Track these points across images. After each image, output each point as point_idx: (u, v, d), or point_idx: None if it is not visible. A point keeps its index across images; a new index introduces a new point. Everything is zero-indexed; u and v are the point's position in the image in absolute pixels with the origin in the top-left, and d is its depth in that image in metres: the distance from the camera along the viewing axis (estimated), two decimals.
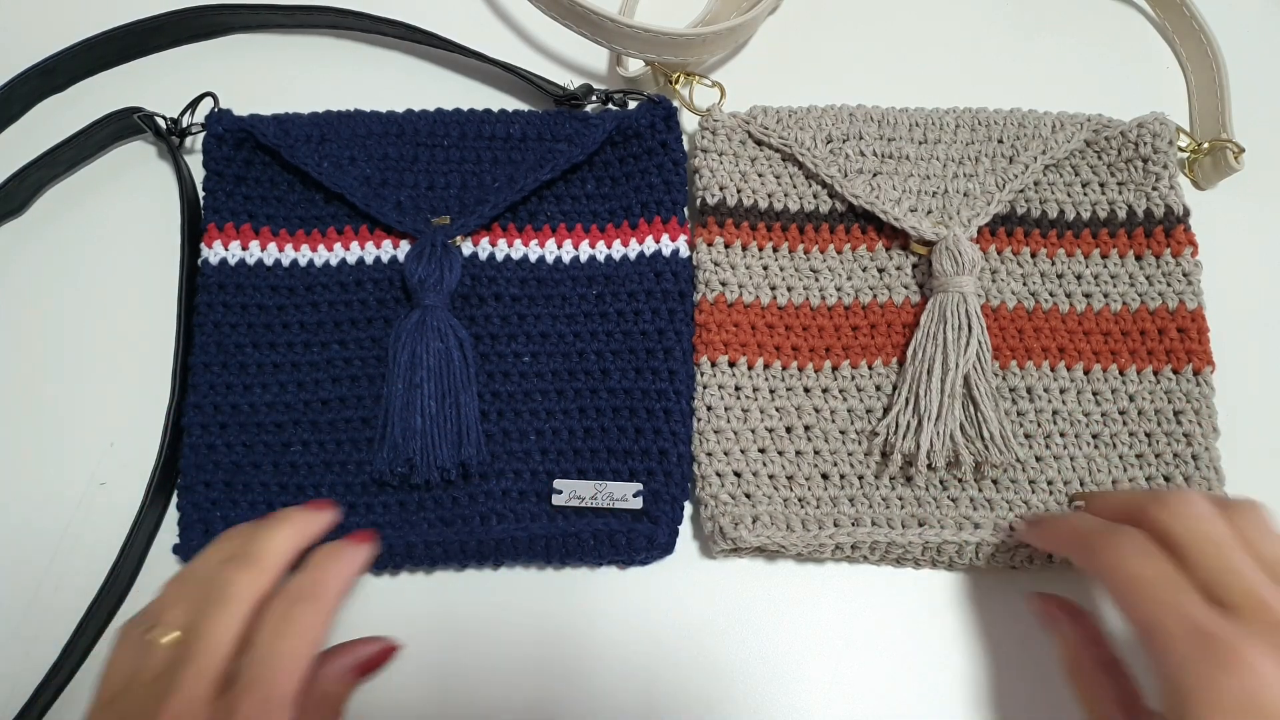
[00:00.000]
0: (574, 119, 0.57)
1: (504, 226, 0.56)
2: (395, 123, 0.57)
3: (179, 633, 0.38)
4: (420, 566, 0.52)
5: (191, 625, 0.38)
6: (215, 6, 0.62)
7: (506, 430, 0.53)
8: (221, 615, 0.38)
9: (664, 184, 0.56)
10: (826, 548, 0.50)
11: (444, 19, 0.61)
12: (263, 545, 0.40)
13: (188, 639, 0.38)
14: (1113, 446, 0.52)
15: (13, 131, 0.61)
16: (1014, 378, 0.53)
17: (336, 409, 0.53)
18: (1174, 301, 0.54)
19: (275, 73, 0.63)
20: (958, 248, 0.53)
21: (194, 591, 0.39)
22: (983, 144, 0.56)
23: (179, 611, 0.39)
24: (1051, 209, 0.56)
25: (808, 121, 0.56)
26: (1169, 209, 0.55)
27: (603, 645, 0.50)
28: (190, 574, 0.40)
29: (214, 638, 0.37)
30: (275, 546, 0.41)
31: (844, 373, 0.54)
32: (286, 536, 0.41)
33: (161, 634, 0.38)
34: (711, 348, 0.53)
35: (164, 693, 0.36)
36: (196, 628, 0.37)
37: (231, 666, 0.37)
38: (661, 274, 0.55)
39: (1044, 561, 0.50)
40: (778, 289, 0.55)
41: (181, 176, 0.58)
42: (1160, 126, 0.56)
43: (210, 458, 0.52)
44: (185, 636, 0.38)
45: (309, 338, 0.54)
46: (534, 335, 0.54)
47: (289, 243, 0.56)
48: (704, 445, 0.52)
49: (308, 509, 0.44)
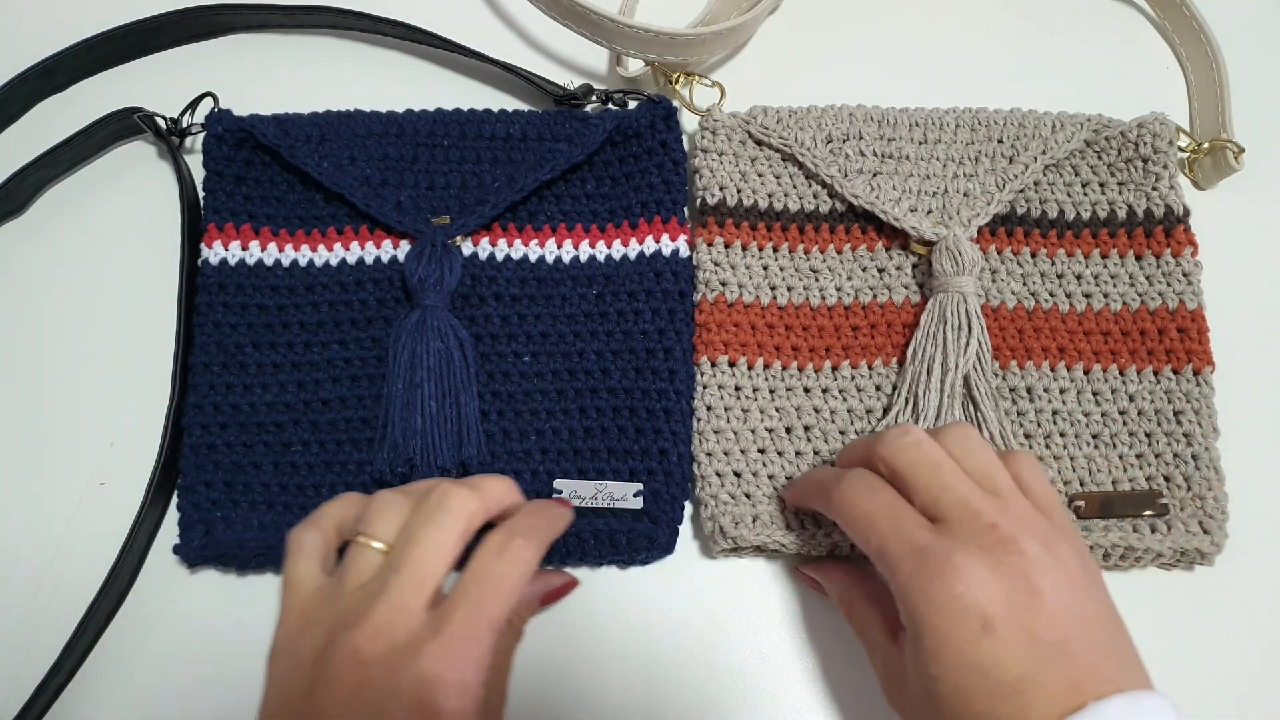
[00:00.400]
0: (574, 119, 0.57)
1: (504, 226, 0.56)
2: (395, 123, 0.57)
3: (387, 543, 0.40)
4: None
5: (408, 534, 0.39)
6: (215, 6, 0.62)
7: (506, 430, 0.53)
8: (439, 530, 0.39)
9: (664, 184, 0.56)
10: (824, 547, 0.50)
11: (444, 19, 0.61)
12: (485, 482, 0.42)
13: (401, 547, 0.39)
14: (1113, 447, 0.52)
15: (13, 131, 0.61)
16: (1014, 378, 0.53)
17: (337, 409, 0.53)
18: (1174, 301, 0.54)
19: (275, 73, 0.63)
20: (958, 248, 0.53)
21: (408, 506, 0.41)
22: (983, 144, 0.56)
23: (389, 523, 0.40)
24: (1051, 209, 0.56)
25: (808, 121, 0.56)
26: (1169, 209, 0.55)
27: (603, 645, 0.50)
28: (405, 491, 0.42)
29: (429, 549, 0.39)
30: (496, 486, 0.42)
31: (844, 373, 0.54)
32: (507, 485, 0.43)
33: (372, 540, 0.40)
34: (711, 348, 0.53)
35: (373, 596, 0.38)
36: (413, 536, 0.39)
37: (440, 582, 0.39)
38: (661, 274, 0.55)
39: None
40: (778, 289, 0.55)
41: (181, 176, 0.58)
42: (1160, 126, 0.56)
43: (210, 458, 0.52)
44: (398, 546, 0.39)
45: (309, 338, 0.54)
46: (534, 335, 0.54)
47: (289, 243, 0.56)
48: (704, 445, 0.52)
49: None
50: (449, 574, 0.39)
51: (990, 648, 0.37)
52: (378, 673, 0.36)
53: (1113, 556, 0.50)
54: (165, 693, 0.50)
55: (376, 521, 0.40)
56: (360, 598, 0.38)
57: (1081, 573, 0.40)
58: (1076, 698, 0.36)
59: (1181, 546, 0.50)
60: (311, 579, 0.40)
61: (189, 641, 0.51)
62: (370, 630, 0.37)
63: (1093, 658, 0.37)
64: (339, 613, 0.38)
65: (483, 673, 0.37)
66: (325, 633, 0.38)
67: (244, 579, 0.52)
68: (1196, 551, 0.50)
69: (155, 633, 0.51)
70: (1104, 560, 0.50)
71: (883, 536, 0.41)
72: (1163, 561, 0.51)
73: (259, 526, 0.51)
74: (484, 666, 0.37)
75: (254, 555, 0.50)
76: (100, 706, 0.49)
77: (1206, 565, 0.51)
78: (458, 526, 0.40)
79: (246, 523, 0.51)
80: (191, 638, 0.51)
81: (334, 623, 0.38)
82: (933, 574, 0.38)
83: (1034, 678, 0.36)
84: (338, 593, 0.39)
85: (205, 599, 0.51)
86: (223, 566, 0.52)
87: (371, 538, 0.40)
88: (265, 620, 0.50)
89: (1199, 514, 0.50)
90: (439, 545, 0.39)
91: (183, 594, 0.52)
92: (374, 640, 0.37)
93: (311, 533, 0.42)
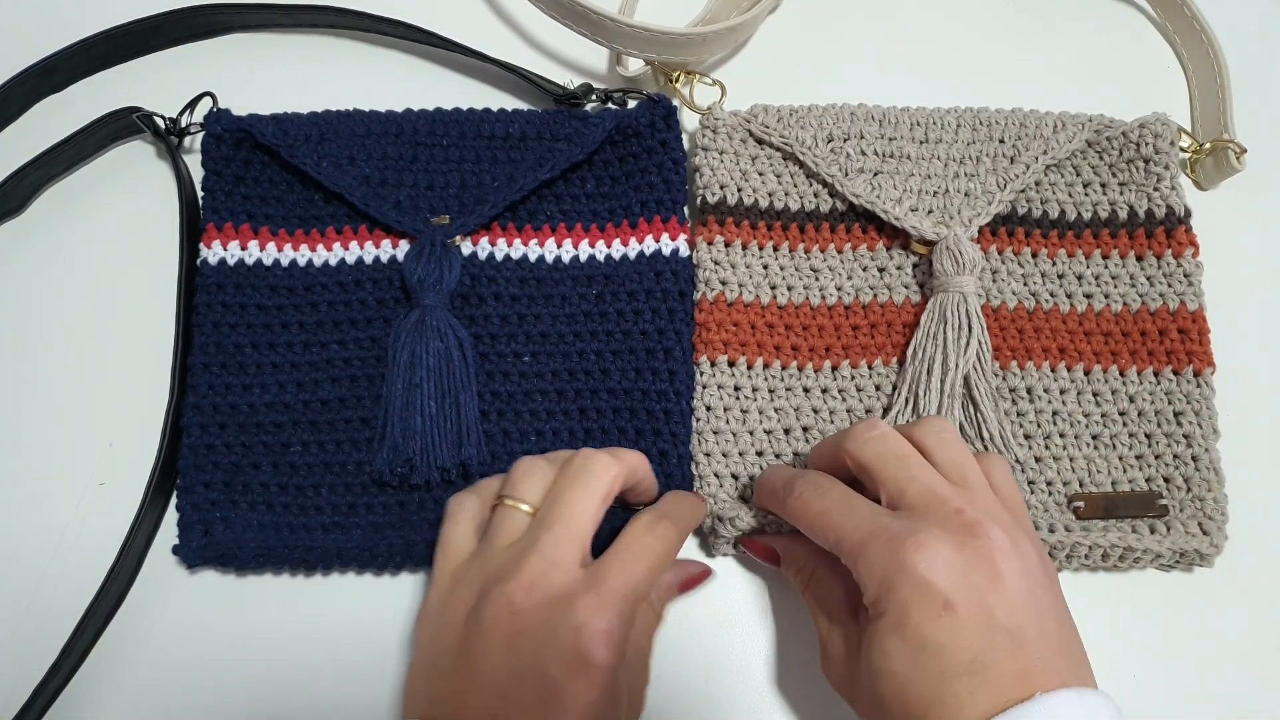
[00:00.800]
0: (573, 118, 0.57)
1: (503, 226, 0.56)
2: (395, 122, 0.57)
3: (532, 505, 0.42)
4: (420, 566, 0.51)
5: (555, 495, 0.42)
6: (214, 6, 0.62)
7: (506, 430, 0.53)
8: (585, 491, 0.42)
9: (664, 183, 0.56)
10: None
11: (444, 19, 0.61)
12: (623, 451, 0.45)
13: (549, 507, 0.42)
14: (1112, 448, 0.52)
15: (11, 131, 0.61)
16: (1014, 378, 0.53)
17: (336, 409, 0.53)
18: (1175, 302, 0.54)
19: (274, 72, 0.63)
20: (958, 247, 0.53)
21: (550, 471, 0.43)
22: (984, 144, 0.56)
23: (533, 487, 0.43)
24: (1052, 209, 0.56)
25: (808, 120, 0.56)
26: (1170, 209, 0.55)
27: None
28: (547, 458, 0.45)
29: (577, 507, 0.41)
30: (633, 455, 0.45)
31: (844, 373, 0.53)
32: (641, 456, 0.45)
33: (519, 503, 0.43)
34: (711, 347, 0.53)
35: (525, 551, 0.40)
36: (560, 496, 0.42)
37: (587, 541, 0.41)
38: (661, 273, 0.55)
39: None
40: (778, 288, 0.55)
41: (180, 176, 0.58)
42: (1162, 127, 0.56)
43: (209, 458, 0.52)
44: (545, 505, 0.42)
45: (308, 338, 0.54)
46: (534, 335, 0.54)
47: (288, 242, 0.56)
48: (703, 446, 0.52)
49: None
50: (592, 534, 0.42)
51: (948, 626, 0.37)
52: (532, 622, 0.38)
53: (1112, 557, 0.50)
54: (164, 693, 0.50)
55: (521, 485, 0.43)
56: (512, 554, 0.40)
57: (1041, 568, 0.40)
58: (1025, 688, 0.36)
59: (1181, 548, 0.49)
60: (465, 541, 0.43)
61: (188, 642, 0.50)
62: (525, 582, 0.39)
63: (1045, 651, 0.38)
64: (490, 569, 0.40)
65: (629, 631, 0.39)
66: (477, 590, 0.40)
67: (243, 579, 0.52)
68: (1196, 553, 0.50)
69: (154, 633, 0.51)
70: (1103, 560, 0.50)
71: (838, 529, 0.41)
72: (1162, 563, 0.51)
73: (258, 527, 0.51)
74: (631, 625, 0.40)
75: (253, 556, 0.50)
76: (99, 707, 0.49)
77: (1206, 566, 0.51)
78: (601, 489, 0.42)
79: (246, 523, 0.51)
80: (190, 638, 0.51)
81: (485, 579, 0.40)
82: (895, 549, 0.39)
83: (986, 661, 0.37)
84: (487, 552, 0.41)
85: (204, 599, 0.51)
86: (222, 567, 0.52)
87: (518, 500, 0.42)
88: (265, 621, 0.51)
89: (1199, 515, 0.50)
90: (585, 504, 0.41)
91: (182, 595, 0.51)
92: (529, 592, 0.39)
93: (471, 499, 0.44)
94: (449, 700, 0.39)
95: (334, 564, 0.51)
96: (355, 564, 0.51)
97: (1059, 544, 0.49)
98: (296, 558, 0.50)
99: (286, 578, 0.52)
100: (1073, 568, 0.51)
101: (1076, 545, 0.49)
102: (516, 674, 0.38)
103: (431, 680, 0.40)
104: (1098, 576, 0.52)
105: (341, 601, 0.51)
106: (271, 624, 0.51)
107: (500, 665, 0.38)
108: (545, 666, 0.38)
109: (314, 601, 0.51)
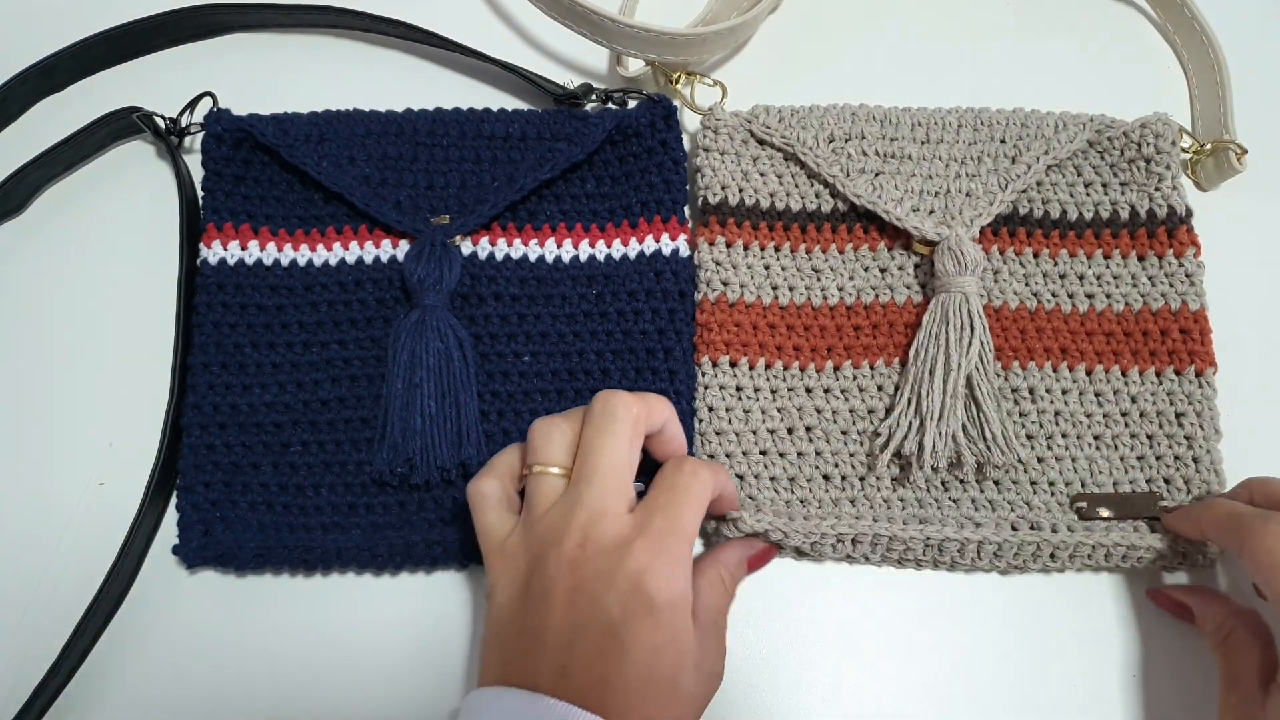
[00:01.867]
0: (574, 118, 0.57)
1: (503, 226, 0.56)
2: (395, 122, 0.57)
3: (563, 466, 0.43)
4: (420, 566, 0.51)
5: (586, 448, 0.42)
6: (214, 5, 0.62)
7: (506, 430, 0.52)
8: (614, 437, 0.42)
9: (664, 183, 0.56)
10: (828, 539, 0.50)
11: (444, 19, 0.61)
12: (647, 395, 0.44)
13: (583, 462, 0.42)
14: (1114, 448, 0.52)
15: (11, 131, 0.61)
16: (1016, 378, 0.53)
17: (336, 409, 0.53)
18: (1176, 302, 0.54)
19: (274, 72, 0.63)
20: (960, 247, 0.53)
21: (568, 428, 0.43)
22: (985, 144, 0.56)
23: (556, 447, 0.43)
24: (1054, 209, 0.56)
25: (810, 121, 0.56)
26: (1171, 209, 0.55)
27: None
28: (563, 415, 0.44)
29: (611, 456, 0.42)
30: (653, 396, 0.45)
31: (845, 373, 0.53)
32: (663, 399, 0.45)
33: (549, 467, 0.43)
34: (712, 348, 0.53)
35: (570, 509, 0.41)
36: (592, 448, 0.42)
37: (630, 485, 0.42)
38: (661, 273, 0.55)
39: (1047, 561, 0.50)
40: (779, 289, 0.55)
41: (180, 177, 0.57)
42: (1163, 127, 0.56)
43: (209, 458, 0.52)
44: (579, 461, 0.42)
45: (308, 338, 0.54)
46: (534, 335, 0.54)
47: (288, 242, 0.56)
48: (705, 447, 0.52)
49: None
50: (631, 476, 0.42)
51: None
52: (590, 574, 0.39)
53: (1114, 557, 0.50)
54: (164, 693, 0.49)
55: (544, 449, 0.43)
56: (557, 515, 0.41)
57: None
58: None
59: (1183, 548, 0.49)
60: (502, 523, 0.43)
61: (188, 642, 0.50)
62: (578, 538, 0.39)
63: None
64: (540, 534, 0.41)
65: (688, 571, 0.40)
66: (532, 558, 0.40)
67: (243, 579, 0.52)
68: (1198, 553, 0.50)
69: (154, 633, 0.50)
70: (1105, 560, 0.50)
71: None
72: (1164, 563, 0.51)
73: (258, 527, 0.51)
74: (687, 566, 0.40)
75: (253, 556, 0.50)
76: (99, 707, 0.49)
77: (1207, 566, 0.51)
78: (627, 430, 0.42)
79: (246, 523, 0.51)
80: (190, 638, 0.50)
81: (538, 546, 0.40)
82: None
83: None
84: (530, 520, 0.42)
85: (204, 600, 0.51)
86: (222, 567, 0.52)
87: (546, 465, 0.43)
88: (265, 621, 0.51)
89: None
90: (617, 451, 0.42)
91: (182, 595, 0.51)
92: (582, 547, 0.39)
93: (487, 480, 0.44)
94: (518, 663, 0.39)
95: (334, 564, 0.51)
96: (355, 564, 0.51)
97: (1062, 544, 0.49)
98: (296, 558, 0.50)
99: (286, 578, 0.52)
100: (1075, 568, 0.51)
101: (1079, 545, 0.49)
102: (580, 626, 0.38)
103: (503, 646, 0.41)
104: (1099, 576, 0.52)
105: (341, 601, 0.51)
106: (271, 624, 0.51)
107: (565, 620, 0.39)
108: (609, 613, 0.38)
109: (314, 601, 0.51)
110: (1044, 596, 0.51)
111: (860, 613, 0.51)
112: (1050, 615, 0.51)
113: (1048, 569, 0.51)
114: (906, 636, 0.51)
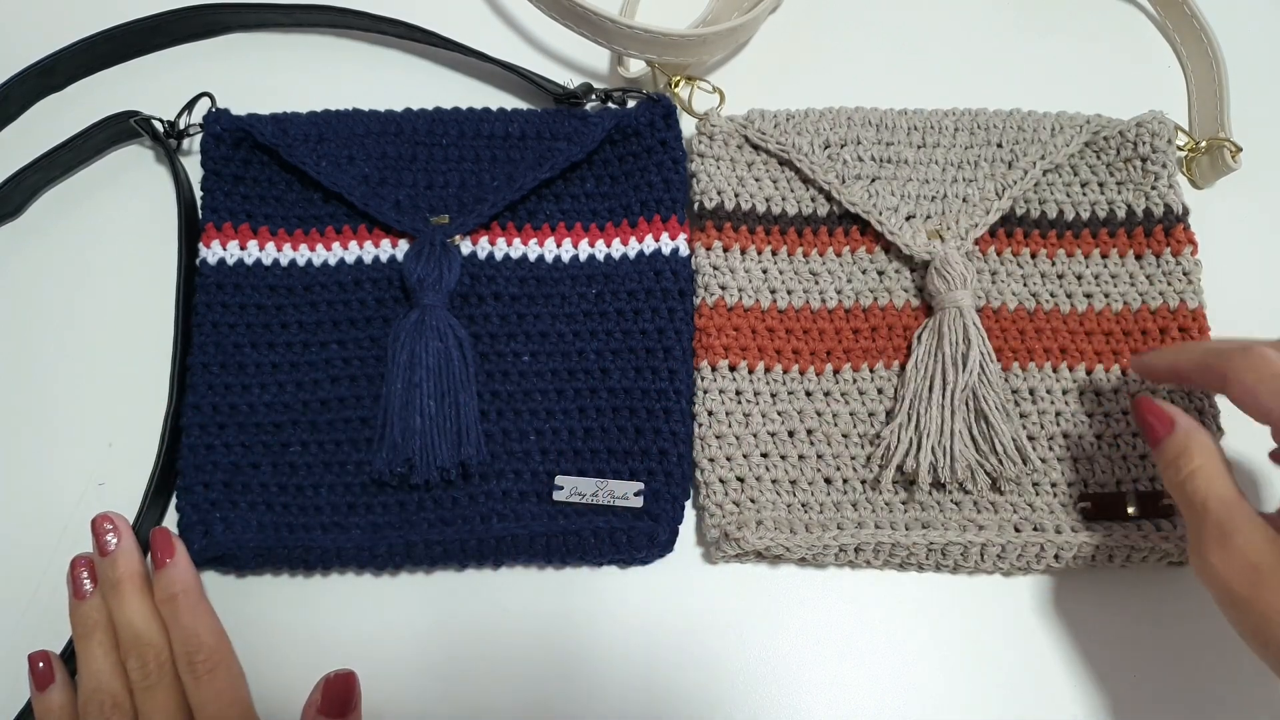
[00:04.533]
0: (573, 117, 0.57)
1: (503, 225, 0.56)
2: (394, 121, 0.57)
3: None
4: (420, 566, 0.51)
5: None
6: (214, 5, 0.62)
7: (506, 430, 0.52)
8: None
9: (663, 182, 0.56)
10: (830, 550, 0.50)
11: (444, 18, 0.61)
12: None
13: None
14: (1115, 447, 0.52)
15: (11, 131, 0.61)
16: (1016, 379, 0.53)
17: (335, 409, 0.53)
18: (1174, 301, 0.54)
19: (274, 72, 0.63)
20: (947, 268, 0.52)
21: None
22: (981, 148, 0.56)
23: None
24: (1051, 209, 0.56)
25: (805, 126, 0.56)
26: (1168, 208, 0.55)
27: (603, 646, 0.50)
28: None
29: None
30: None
31: (845, 376, 0.53)
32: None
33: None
34: (712, 352, 0.53)
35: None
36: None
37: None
38: (661, 273, 0.55)
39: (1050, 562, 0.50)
40: (777, 292, 0.55)
41: (178, 178, 0.57)
42: (1159, 126, 0.56)
43: (209, 458, 0.52)
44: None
45: (308, 338, 0.54)
46: (533, 335, 0.54)
47: (287, 242, 0.56)
48: (705, 451, 0.52)
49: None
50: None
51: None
52: None
53: (1119, 557, 0.50)
54: None
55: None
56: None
57: None
58: None
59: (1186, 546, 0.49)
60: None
61: None
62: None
63: None
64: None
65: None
66: None
67: (243, 580, 0.52)
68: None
69: None
70: (1109, 560, 0.50)
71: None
72: (1171, 559, 0.50)
73: (258, 527, 0.51)
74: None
75: (253, 556, 0.50)
76: None
77: None
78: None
79: (246, 523, 0.51)
80: None
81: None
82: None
83: None
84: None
85: None
86: (222, 568, 0.51)
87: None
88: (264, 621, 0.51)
89: None
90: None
91: None
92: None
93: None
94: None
95: (334, 564, 0.51)
96: (355, 564, 0.51)
97: (1066, 544, 0.49)
98: (296, 558, 0.50)
99: (286, 578, 0.52)
100: (1078, 567, 0.51)
101: (1082, 546, 0.49)
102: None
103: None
104: (1100, 576, 0.52)
105: (341, 601, 0.51)
106: (271, 624, 0.51)
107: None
108: None
109: (314, 601, 0.51)
110: (1044, 597, 0.51)
111: (860, 613, 0.51)
112: (1050, 615, 0.51)
113: (1050, 570, 0.51)
114: (907, 637, 0.51)
